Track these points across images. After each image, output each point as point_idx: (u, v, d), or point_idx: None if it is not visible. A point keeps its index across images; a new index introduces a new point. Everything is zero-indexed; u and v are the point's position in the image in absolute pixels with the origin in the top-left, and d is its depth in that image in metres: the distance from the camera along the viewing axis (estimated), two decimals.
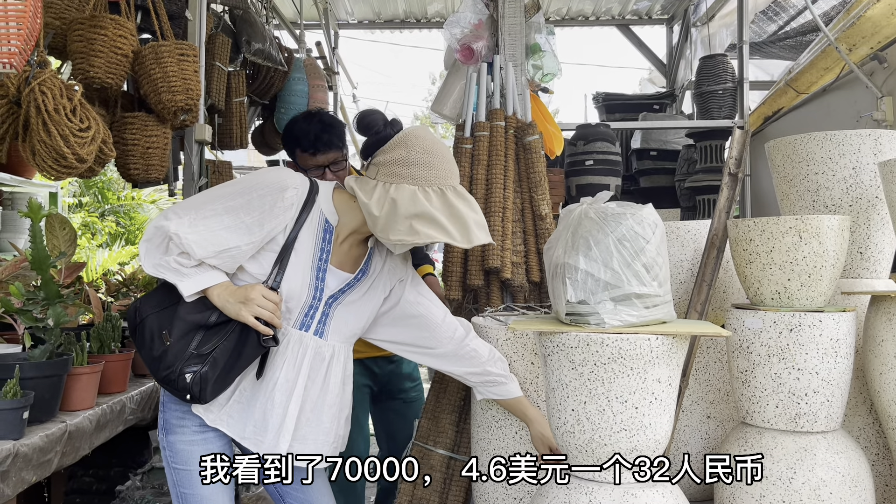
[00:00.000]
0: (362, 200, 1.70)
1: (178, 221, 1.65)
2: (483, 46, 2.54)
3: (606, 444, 1.55)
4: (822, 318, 1.76)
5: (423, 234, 1.65)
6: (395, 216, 1.65)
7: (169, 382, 1.70)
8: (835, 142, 2.08)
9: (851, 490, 1.73)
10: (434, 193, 1.68)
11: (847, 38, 3.46)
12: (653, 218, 1.63)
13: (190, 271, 1.68)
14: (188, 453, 1.79)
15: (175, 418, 1.80)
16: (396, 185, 1.68)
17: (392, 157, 1.70)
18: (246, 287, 1.70)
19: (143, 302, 1.76)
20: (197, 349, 1.70)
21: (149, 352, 1.71)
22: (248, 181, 1.75)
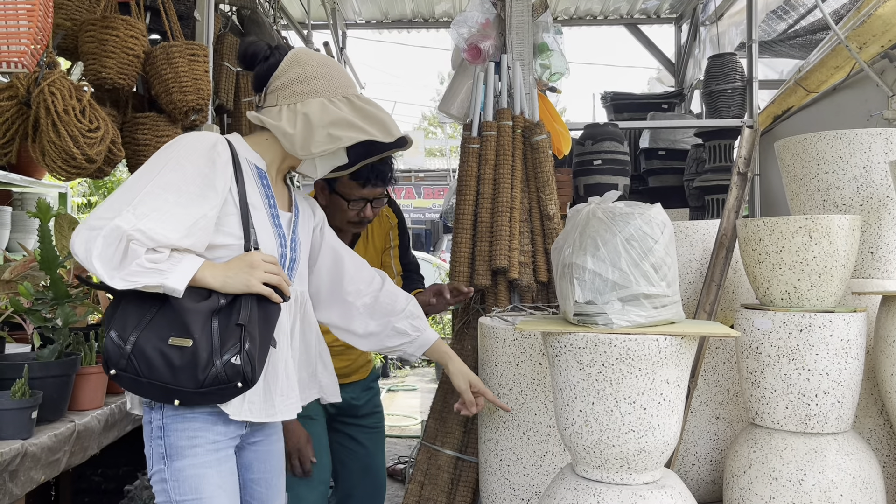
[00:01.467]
0: (273, 125, 1.64)
1: (121, 219, 1.44)
2: (490, 46, 2.54)
3: (615, 445, 1.54)
4: (832, 318, 1.75)
5: (344, 137, 1.63)
6: (311, 129, 1.62)
7: (215, 381, 1.50)
8: (845, 141, 2.06)
9: (862, 492, 1.72)
10: (341, 101, 1.66)
11: (857, 36, 3.43)
12: (661, 218, 1.62)
13: (167, 265, 1.48)
14: (199, 479, 1.59)
15: (185, 439, 1.59)
16: (302, 101, 1.65)
17: (288, 77, 1.66)
18: (239, 258, 1.57)
19: (118, 328, 1.52)
20: (223, 331, 1.52)
21: (167, 369, 1.49)
22: (168, 154, 1.57)
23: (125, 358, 1.50)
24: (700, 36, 6.04)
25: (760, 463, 1.79)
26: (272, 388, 1.64)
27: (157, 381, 1.50)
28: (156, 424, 1.61)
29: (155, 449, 1.61)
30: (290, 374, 1.69)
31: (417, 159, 21.19)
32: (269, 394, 1.64)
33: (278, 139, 1.67)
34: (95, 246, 1.42)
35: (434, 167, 20.37)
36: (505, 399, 2.06)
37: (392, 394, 6.91)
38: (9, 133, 2.14)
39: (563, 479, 1.64)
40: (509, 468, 2.05)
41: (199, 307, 1.52)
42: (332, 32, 5.98)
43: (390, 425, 5.68)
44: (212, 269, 1.54)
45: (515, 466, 2.04)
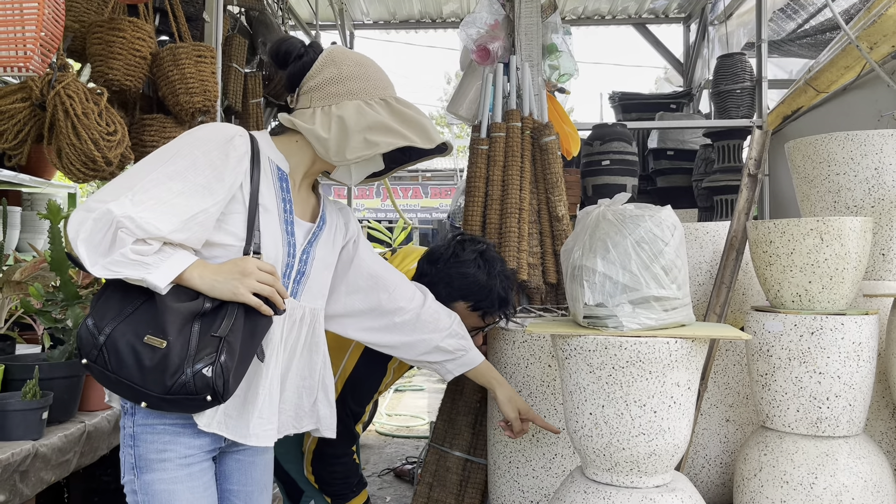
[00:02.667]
0: (305, 128, 1.53)
1: (117, 203, 1.34)
2: (499, 47, 2.53)
3: (625, 449, 1.54)
4: (843, 321, 1.74)
5: (382, 143, 1.53)
6: (346, 133, 1.52)
7: (182, 389, 1.38)
8: (857, 142, 2.05)
9: (874, 496, 1.70)
10: (378, 104, 1.56)
11: (868, 36, 3.41)
12: (672, 220, 1.61)
13: (154, 259, 1.37)
14: (169, 494, 1.47)
15: (154, 452, 1.48)
16: (337, 104, 1.54)
17: (323, 78, 1.56)
18: (233, 262, 1.45)
19: (96, 317, 1.40)
20: (201, 338, 1.40)
21: (136, 368, 1.38)
22: (182, 142, 1.48)
23: (97, 349, 1.39)
24: (709, 35, 6.02)
25: (771, 466, 1.78)
26: (250, 407, 1.51)
27: (126, 380, 1.39)
28: (127, 433, 1.51)
29: (126, 458, 1.51)
30: (273, 396, 1.53)
31: None
32: (245, 413, 1.50)
33: (310, 143, 1.56)
34: (84, 229, 1.33)
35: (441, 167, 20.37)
36: None
37: (399, 394, 6.91)
38: (21, 134, 2.15)
39: (573, 482, 1.63)
40: (518, 470, 2.04)
41: (180, 308, 1.40)
42: (339, 33, 5.99)
43: (397, 425, 5.68)
44: (201, 270, 1.43)
45: (525, 468, 2.04)
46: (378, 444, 5.71)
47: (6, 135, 2.13)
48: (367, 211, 18.21)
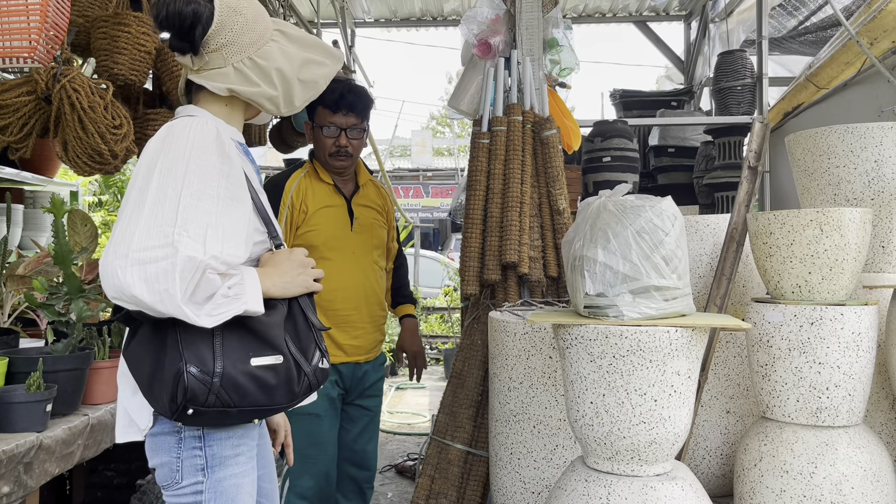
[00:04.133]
0: (251, 91, 1.45)
1: (187, 247, 1.28)
2: (500, 41, 2.54)
3: (625, 437, 1.54)
4: (843, 311, 1.75)
5: (318, 80, 1.50)
6: (289, 82, 1.47)
7: (308, 389, 1.44)
8: (856, 135, 2.06)
9: (873, 485, 1.71)
10: (280, 37, 1.49)
11: (868, 31, 3.42)
12: (672, 210, 1.62)
13: (239, 288, 1.34)
14: (237, 489, 1.46)
15: (229, 448, 1.45)
16: (255, 53, 1.45)
17: (232, 32, 1.43)
18: (283, 259, 1.46)
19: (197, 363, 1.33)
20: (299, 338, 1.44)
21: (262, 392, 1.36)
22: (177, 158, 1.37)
23: (214, 393, 1.33)
24: (709, 33, 6.02)
25: (771, 456, 1.79)
26: None
27: (250, 407, 1.37)
28: (189, 434, 1.43)
29: (188, 461, 1.44)
30: None
31: (425, 158, 21.20)
32: None
33: (252, 103, 1.49)
34: (174, 286, 1.25)
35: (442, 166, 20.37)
36: (515, 393, 2.06)
37: (401, 392, 6.92)
38: (26, 128, 2.16)
39: (574, 471, 1.64)
40: (520, 461, 2.05)
41: (274, 321, 1.40)
42: (340, 31, 6.00)
43: (399, 423, 5.69)
44: (269, 278, 1.42)
45: (526, 460, 2.05)
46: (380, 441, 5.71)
47: (11, 128, 2.14)
48: None
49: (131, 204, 1.33)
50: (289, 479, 2.39)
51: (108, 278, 1.27)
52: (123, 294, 1.26)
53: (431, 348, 8.95)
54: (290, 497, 2.38)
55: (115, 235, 1.30)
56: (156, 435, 1.45)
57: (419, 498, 2.41)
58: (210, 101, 1.50)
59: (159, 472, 1.47)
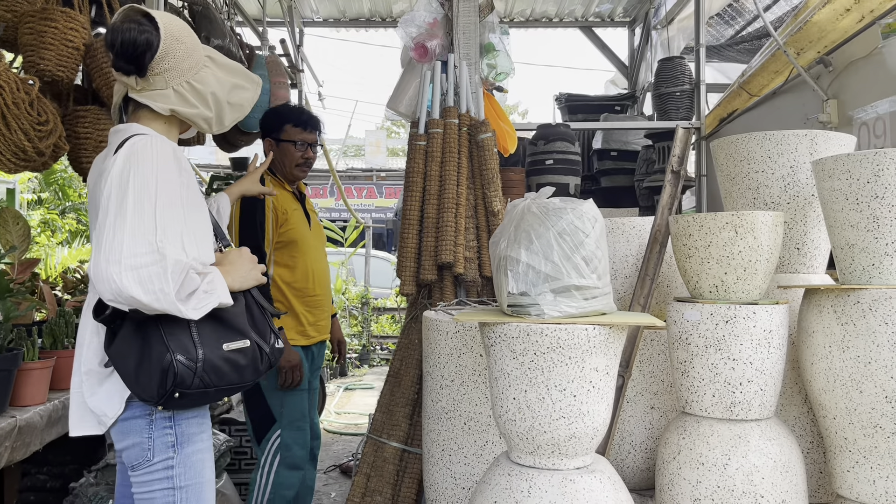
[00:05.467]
0: (191, 113, 1.63)
1: (173, 251, 1.49)
2: (437, 45, 2.58)
3: (546, 432, 1.59)
4: (756, 310, 1.83)
5: (244, 103, 1.70)
6: (220, 104, 1.66)
7: (270, 366, 1.68)
8: (773, 141, 2.15)
9: (783, 475, 1.80)
10: (211, 63, 1.67)
11: (795, 42, 3.56)
12: (593, 212, 1.68)
13: (212, 284, 1.56)
14: (202, 463, 1.66)
15: (196, 425, 1.65)
16: (194, 78, 1.63)
17: (176, 57, 1.60)
18: (235, 258, 1.67)
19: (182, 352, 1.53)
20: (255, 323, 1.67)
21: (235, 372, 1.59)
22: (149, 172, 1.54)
23: (198, 377, 1.53)
24: (652, 40, 6.17)
25: (689, 449, 1.86)
26: None
27: (226, 386, 1.59)
28: (161, 415, 1.60)
29: (160, 439, 1.61)
30: None
31: (379, 159, 21.12)
32: None
33: (190, 122, 1.66)
34: (167, 286, 1.45)
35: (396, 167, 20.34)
36: (447, 391, 2.10)
37: (349, 392, 6.90)
38: None
39: (498, 466, 1.69)
40: (451, 458, 2.09)
41: (237, 310, 1.63)
42: (288, 30, 5.97)
43: (346, 423, 5.69)
44: (228, 275, 1.63)
45: (457, 456, 2.09)
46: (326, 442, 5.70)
47: None
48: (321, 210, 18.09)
49: (112, 217, 1.49)
50: (280, 452, 2.65)
51: (104, 283, 1.44)
52: (121, 296, 1.45)
53: (382, 349, 8.95)
54: (280, 470, 2.63)
55: (103, 245, 1.47)
56: (127, 419, 1.61)
57: (354, 496, 2.43)
58: (151, 119, 1.66)
59: (129, 452, 1.62)
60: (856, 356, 1.76)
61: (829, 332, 1.83)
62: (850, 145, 2.19)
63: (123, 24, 1.59)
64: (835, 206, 1.87)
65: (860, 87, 3.24)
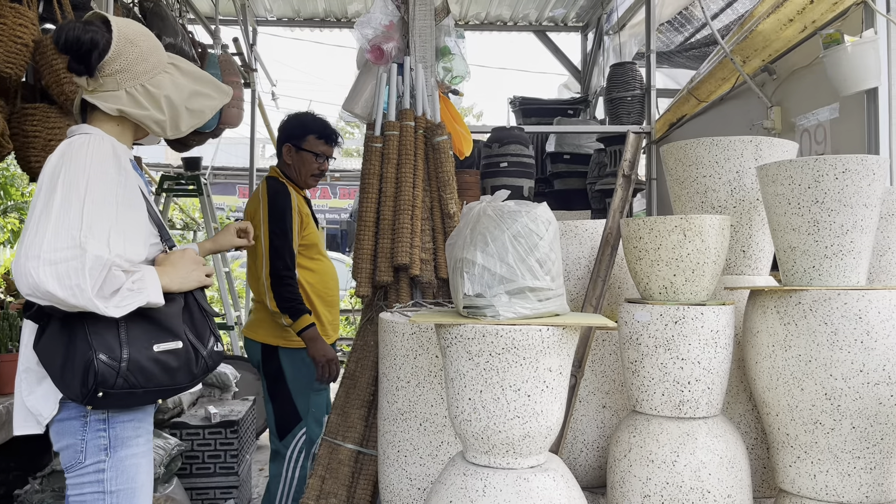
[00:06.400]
0: (141, 114, 1.64)
1: (94, 247, 1.47)
2: (394, 47, 2.59)
3: (501, 431, 1.62)
4: (703, 310, 1.88)
5: (205, 110, 1.71)
6: (176, 110, 1.66)
7: (205, 370, 1.67)
8: (720, 147, 2.22)
9: (728, 471, 1.86)
10: (173, 70, 1.69)
11: (741, 50, 3.67)
12: (546, 216, 1.71)
13: (141, 283, 1.55)
14: (136, 468, 1.65)
15: (131, 430, 1.64)
16: (150, 82, 1.64)
17: (127, 59, 1.62)
18: (180, 257, 1.67)
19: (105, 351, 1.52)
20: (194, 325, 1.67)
21: (165, 373, 1.58)
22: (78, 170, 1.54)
23: (121, 376, 1.53)
24: (604, 45, 6.28)
25: (639, 447, 1.91)
26: None
27: (155, 388, 1.58)
28: (95, 417, 1.60)
29: (92, 441, 1.60)
30: None
31: None
32: None
33: (140, 125, 1.67)
34: (84, 282, 1.44)
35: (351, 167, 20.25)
36: (403, 392, 2.11)
37: None
38: None
39: (454, 466, 1.70)
40: (406, 459, 2.10)
41: (173, 310, 1.62)
42: (241, 28, 5.90)
43: None
44: (167, 275, 1.63)
45: (412, 457, 2.10)
46: None
47: None
48: None
49: (37, 213, 1.49)
50: (305, 448, 2.90)
51: (22, 277, 1.44)
52: (38, 290, 1.44)
53: (336, 350, 8.91)
54: (306, 464, 2.87)
55: (24, 241, 1.47)
56: (62, 420, 1.60)
57: (309, 498, 2.42)
58: (103, 121, 1.67)
59: (64, 454, 1.62)
60: (797, 355, 1.83)
61: (773, 331, 1.89)
62: (792, 151, 2.27)
63: (71, 22, 1.60)
64: (777, 210, 1.94)
65: (802, 94, 3.36)
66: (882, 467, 1.81)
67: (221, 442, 3.72)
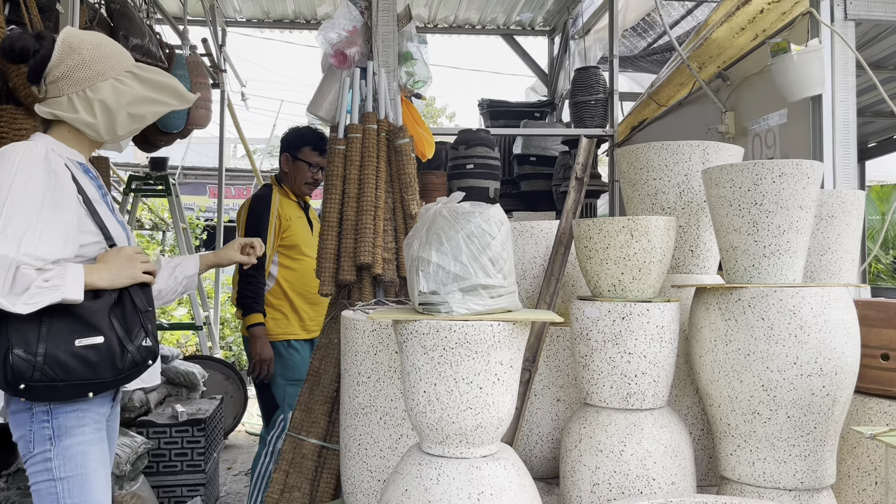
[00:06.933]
0: (71, 118, 1.73)
1: (2, 247, 1.56)
2: (357, 52, 2.65)
3: (454, 422, 1.69)
4: (649, 307, 1.98)
5: (147, 114, 1.78)
6: (111, 114, 1.73)
7: (132, 364, 1.73)
8: (669, 151, 2.32)
9: (673, 459, 1.95)
10: (127, 77, 1.76)
11: (697, 57, 3.79)
12: (499, 217, 1.79)
13: (58, 280, 1.62)
14: (84, 456, 1.73)
15: (74, 419, 1.73)
16: (90, 87, 1.72)
17: (67, 66, 1.71)
18: (113, 255, 1.73)
19: (22, 345, 1.62)
20: (125, 321, 1.72)
21: (86, 367, 1.65)
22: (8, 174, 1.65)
23: (38, 370, 1.61)
24: (570, 49, 6.40)
25: (589, 437, 2.00)
26: None
27: (76, 381, 1.65)
28: (39, 409, 1.70)
29: (38, 431, 1.70)
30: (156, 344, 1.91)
31: None
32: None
33: (80, 130, 1.76)
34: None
35: None
36: (364, 387, 2.18)
37: None
38: None
39: (410, 456, 1.78)
40: (367, 451, 2.17)
41: (97, 306, 1.68)
42: (210, 29, 5.92)
43: None
44: (96, 272, 1.69)
45: (373, 450, 2.17)
46: (247, 444, 5.68)
47: None
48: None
49: None
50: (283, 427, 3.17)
51: None
52: None
53: None
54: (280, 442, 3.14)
55: None
56: (14, 413, 1.72)
57: (273, 493, 2.48)
58: (56, 128, 1.79)
59: (19, 445, 1.73)
60: (737, 349, 1.94)
61: (715, 327, 1.99)
62: (738, 156, 2.38)
63: (16, 33, 1.72)
64: (720, 211, 2.04)
65: (754, 100, 3.49)
66: (816, 455, 1.92)
67: (188, 440, 3.75)
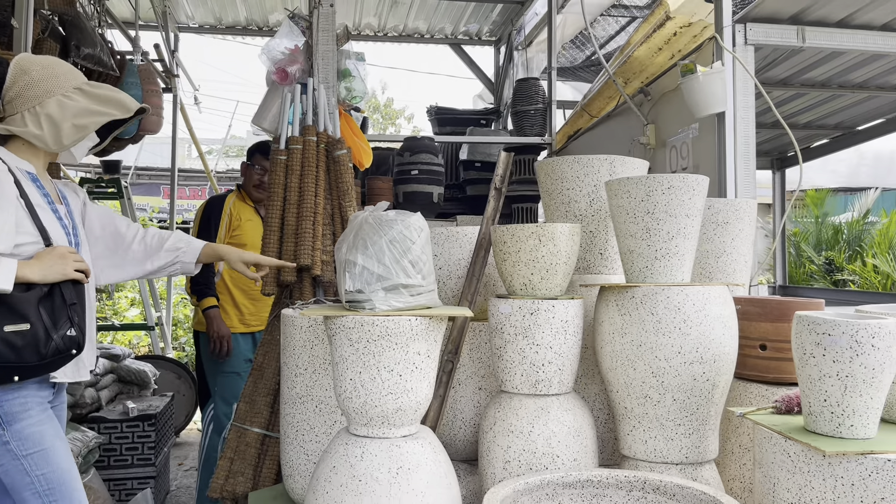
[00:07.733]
0: (20, 131, 1.95)
1: None
2: (298, 69, 2.86)
3: (377, 406, 1.91)
4: (555, 304, 2.23)
5: (89, 124, 1.99)
6: (56, 126, 1.95)
7: (56, 352, 1.88)
8: (581, 164, 2.57)
9: (575, 439, 2.20)
10: (75, 93, 1.98)
11: (623, 72, 4.08)
12: (419, 224, 2.01)
13: None
14: (40, 434, 1.92)
15: (17, 406, 1.91)
16: (39, 104, 1.95)
17: (19, 87, 1.95)
18: (47, 253, 1.91)
19: None
20: (53, 312, 1.88)
21: (10, 350, 1.81)
22: None
23: None
24: (514, 59, 6.67)
25: (502, 420, 2.24)
26: (83, 353, 2.04)
27: (3, 363, 1.81)
28: None
29: None
30: (91, 341, 2.11)
31: None
32: (79, 358, 2.01)
33: (31, 142, 1.98)
34: None
35: None
36: (301, 378, 2.38)
37: None
38: None
39: (339, 437, 1.99)
40: (304, 437, 2.38)
41: (27, 296, 1.84)
42: (161, 34, 6.02)
43: None
44: (28, 267, 1.86)
45: (309, 435, 2.37)
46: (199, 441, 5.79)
47: None
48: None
49: None
50: (213, 422, 3.51)
51: None
52: None
53: None
54: (212, 435, 3.50)
55: None
56: None
57: (219, 478, 2.67)
58: (11, 142, 2.04)
59: None
60: (631, 340, 2.19)
61: (613, 321, 2.25)
62: (642, 169, 2.65)
63: None
64: (619, 218, 2.30)
65: (671, 115, 3.78)
66: (699, 433, 2.19)
67: (139, 435, 3.90)
